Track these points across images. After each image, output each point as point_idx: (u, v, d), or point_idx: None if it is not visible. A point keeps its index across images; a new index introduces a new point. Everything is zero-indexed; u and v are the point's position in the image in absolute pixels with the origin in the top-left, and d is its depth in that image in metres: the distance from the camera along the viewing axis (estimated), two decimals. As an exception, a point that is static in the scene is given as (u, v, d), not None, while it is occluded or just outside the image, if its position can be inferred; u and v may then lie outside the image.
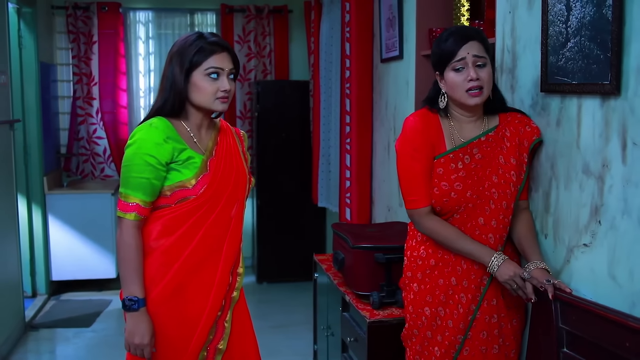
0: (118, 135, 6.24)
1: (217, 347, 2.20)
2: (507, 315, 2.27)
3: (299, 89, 6.05)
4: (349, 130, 4.37)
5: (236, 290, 2.25)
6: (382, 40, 4.03)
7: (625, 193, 1.81)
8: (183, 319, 2.15)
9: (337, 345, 3.15)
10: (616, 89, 1.81)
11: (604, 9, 1.83)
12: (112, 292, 5.80)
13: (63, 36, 6.18)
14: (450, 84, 2.19)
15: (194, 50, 2.12)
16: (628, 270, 1.80)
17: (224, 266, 2.19)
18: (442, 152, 2.24)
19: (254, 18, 6.32)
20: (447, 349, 2.25)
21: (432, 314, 2.29)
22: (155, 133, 2.08)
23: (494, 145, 2.24)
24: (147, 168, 2.07)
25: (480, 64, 2.15)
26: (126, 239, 2.08)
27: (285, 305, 5.45)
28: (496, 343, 2.25)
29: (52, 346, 4.73)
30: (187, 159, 2.12)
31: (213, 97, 2.14)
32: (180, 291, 2.14)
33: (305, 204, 6.00)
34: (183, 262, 2.13)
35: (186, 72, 2.12)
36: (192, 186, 2.12)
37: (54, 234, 5.63)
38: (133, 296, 2.07)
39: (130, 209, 2.08)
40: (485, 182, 2.22)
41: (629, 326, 1.69)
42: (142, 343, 2.08)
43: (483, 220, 2.22)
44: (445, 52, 2.17)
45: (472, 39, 2.15)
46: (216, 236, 2.18)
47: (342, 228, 3.18)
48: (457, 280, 2.25)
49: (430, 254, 2.30)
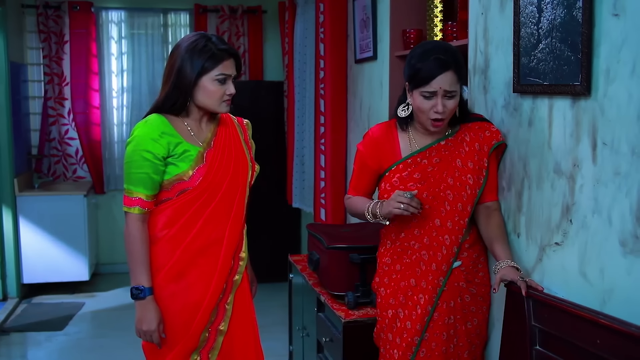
0: (90, 136, 6.17)
1: (218, 328, 2.29)
2: (462, 318, 2.31)
3: (273, 89, 6.04)
4: (323, 130, 4.38)
5: (238, 274, 2.33)
6: (356, 41, 4.04)
7: (596, 192, 1.83)
8: (186, 302, 2.23)
9: (313, 346, 3.15)
10: (586, 90, 1.83)
11: (574, 11, 1.86)
12: (84, 294, 5.74)
13: (34, 35, 6.11)
14: (416, 105, 2.22)
15: (206, 56, 2.18)
16: (599, 269, 1.83)
17: (227, 251, 2.28)
18: (395, 162, 2.32)
19: (227, 18, 6.30)
20: (404, 350, 2.29)
21: (393, 315, 2.34)
22: (151, 129, 2.18)
23: (452, 150, 2.30)
24: (145, 163, 2.17)
25: (449, 96, 2.17)
26: (132, 231, 2.20)
27: (260, 306, 5.36)
28: (452, 343, 2.30)
29: (24, 350, 4.66)
30: (183, 152, 2.21)
31: (220, 101, 2.24)
32: (183, 276, 2.24)
33: (279, 205, 5.99)
34: (185, 248, 2.23)
35: (197, 75, 2.18)
36: (189, 178, 2.22)
37: (25, 236, 5.55)
38: (140, 285, 2.19)
39: (134, 203, 2.19)
40: (441, 184, 2.28)
41: (599, 323, 1.71)
42: (149, 329, 2.19)
43: (439, 222, 2.28)
44: (419, 76, 2.17)
45: (448, 69, 2.14)
46: (217, 223, 2.27)
47: (317, 228, 3.18)
48: (416, 281, 2.30)
49: (396, 259, 2.36)
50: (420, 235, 2.30)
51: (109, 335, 4.74)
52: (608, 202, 1.78)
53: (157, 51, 6.34)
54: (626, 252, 1.72)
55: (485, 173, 2.28)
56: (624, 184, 1.72)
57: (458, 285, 2.30)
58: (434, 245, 2.29)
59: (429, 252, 2.29)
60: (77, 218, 5.65)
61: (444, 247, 2.28)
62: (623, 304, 1.74)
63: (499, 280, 2.08)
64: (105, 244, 6.27)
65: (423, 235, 2.29)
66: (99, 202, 6.30)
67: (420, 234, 2.30)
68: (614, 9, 1.74)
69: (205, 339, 2.28)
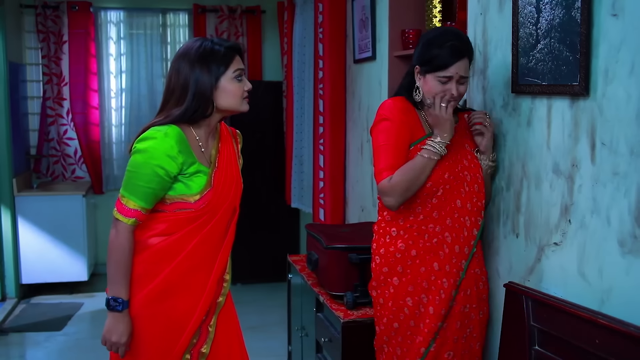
0: (89, 136, 6.17)
1: (200, 350, 2.20)
2: (477, 307, 2.30)
3: (272, 89, 6.04)
4: (322, 130, 4.37)
5: (222, 296, 2.25)
6: (355, 41, 4.04)
7: (594, 192, 1.83)
8: (169, 322, 2.15)
9: (312, 346, 3.15)
10: (585, 90, 1.84)
11: (572, 11, 1.86)
12: (83, 295, 5.74)
13: (32, 35, 6.10)
14: (429, 88, 2.22)
15: (218, 57, 2.11)
16: (597, 269, 1.83)
17: (216, 274, 2.20)
18: (422, 136, 2.27)
19: (226, 18, 6.30)
20: (425, 336, 2.25)
21: (414, 302, 2.27)
22: (169, 144, 2.05)
23: (460, 134, 2.32)
24: (155, 179, 2.05)
25: (462, 81, 2.20)
26: (121, 241, 2.09)
27: (259, 306, 5.43)
28: (464, 333, 2.28)
29: (22, 351, 4.65)
30: (195, 173, 2.11)
31: (241, 99, 2.17)
32: (169, 294, 2.14)
33: (278, 205, 5.99)
34: (175, 267, 2.13)
35: (215, 79, 2.11)
36: (195, 201, 2.12)
37: (24, 237, 5.54)
38: (119, 298, 2.09)
39: (130, 215, 2.08)
40: (458, 165, 2.28)
41: (598, 323, 1.72)
42: (118, 342, 2.11)
43: (460, 203, 2.26)
44: (437, 62, 2.18)
45: (464, 56, 2.18)
46: (212, 244, 2.19)
47: (315, 229, 3.18)
48: (439, 265, 2.25)
49: (411, 244, 2.28)
50: (441, 217, 2.26)
51: (107, 336, 4.73)
52: (607, 202, 1.78)
53: (156, 51, 6.34)
54: (625, 252, 1.72)
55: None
56: (623, 184, 1.72)
57: (474, 272, 2.28)
58: (456, 227, 2.26)
59: (452, 234, 2.25)
60: (76, 218, 5.64)
61: (465, 229, 2.26)
62: (622, 303, 1.74)
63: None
64: (104, 244, 6.14)
65: (445, 217, 2.26)
66: (97, 203, 6.30)
67: (440, 215, 2.26)
68: (612, 9, 1.74)
69: None
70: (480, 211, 2.29)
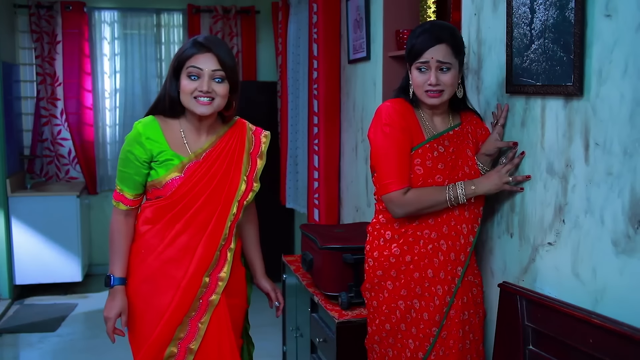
0: (83, 136, 6.16)
1: (188, 346, 2.22)
2: (474, 311, 2.30)
3: (267, 89, 6.03)
4: (316, 131, 4.37)
5: (216, 294, 2.26)
6: (350, 41, 4.04)
7: (588, 192, 1.84)
8: (149, 308, 2.25)
9: (306, 346, 3.15)
10: (579, 90, 1.84)
11: (566, 11, 1.87)
12: (77, 295, 5.72)
13: (26, 35, 6.09)
14: (413, 80, 2.22)
15: (182, 51, 2.19)
16: (591, 268, 1.84)
17: (197, 268, 2.22)
18: (421, 142, 2.24)
19: (221, 18, 6.29)
20: (421, 341, 2.25)
21: (406, 307, 2.27)
22: (138, 132, 2.21)
23: (461, 139, 2.29)
24: (128, 163, 2.22)
25: (443, 68, 2.16)
26: (114, 224, 2.29)
27: (253, 306, 5.37)
28: (468, 339, 2.28)
29: (16, 352, 4.63)
30: (165, 160, 2.21)
31: (190, 97, 2.16)
32: (150, 282, 2.25)
33: (273, 205, 5.98)
34: (157, 256, 2.24)
35: (174, 72, 2.19)
36: (162, 187, 2.21)
37: (18, 237, 5.52)
38: (111, 274, 2.27)
39: (117, 198, 2.27)
40: (458, 172, 2.26)
41: (592, 323, 1.72)
42: (107, 315, 2.26)
43: (457, 211, 2.25)
44: (413, 50, 2.19)
45: (441, 42, 2.14)
46: (189, 236, 2.23)
47: (310, 229, 3.18)
48: (434, 272, 2.24)
49: (406, 250, 2.26)
50: (437, 223, 2.24)
51: (101, 336, 4.65)
52: (600, 202, 1.79)
53: (150, 51, 6.33)
54: (618, 252, 1.73)
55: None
56: (616, 184, 1.72)
57: (468, 280, 2.28)
58: (452, 235, 2.24)
59: (447, 242, 2.24)
60: (70, 219, 5.63)
61: (461, 237, 2.25)
62: (615, 303, 1.74)
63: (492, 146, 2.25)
64: (98, 245, 6.22)
65: (441, 224, 2.24)
66: (91, 203, 6.28)
67: (436, 222, 2.24)
68: (606, 9, 1.74)
69: (172, 355, 2.22)
70: (478, 218, 2.27)
